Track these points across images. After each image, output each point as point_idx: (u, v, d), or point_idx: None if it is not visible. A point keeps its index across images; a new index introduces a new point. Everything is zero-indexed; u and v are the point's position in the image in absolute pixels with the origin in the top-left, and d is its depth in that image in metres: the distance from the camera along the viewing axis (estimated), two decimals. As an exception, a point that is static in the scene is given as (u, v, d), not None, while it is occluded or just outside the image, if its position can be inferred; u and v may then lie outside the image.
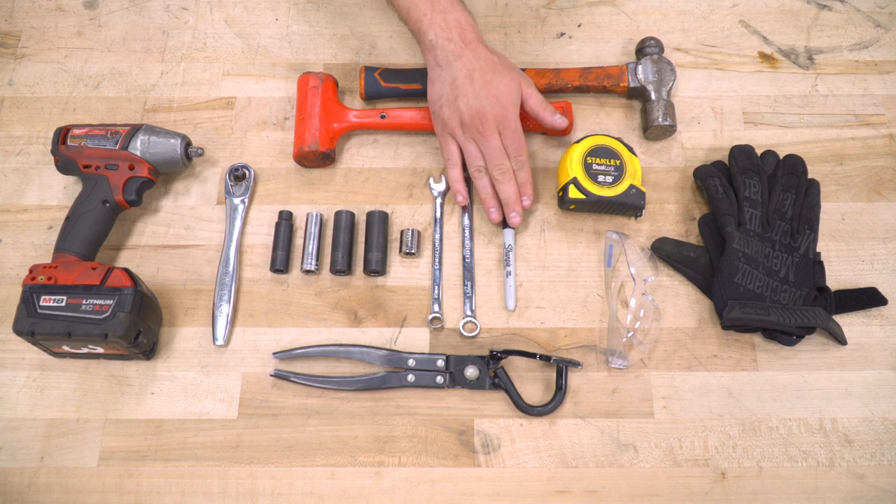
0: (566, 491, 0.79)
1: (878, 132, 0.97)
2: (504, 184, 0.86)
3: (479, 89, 0.83)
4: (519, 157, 0.86)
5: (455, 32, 0.84)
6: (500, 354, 0.82)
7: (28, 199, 0.93)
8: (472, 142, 0.86)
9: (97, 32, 1.04)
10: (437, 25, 0.83)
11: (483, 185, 0.87)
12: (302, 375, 0.82)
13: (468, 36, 0.84)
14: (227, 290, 0.87)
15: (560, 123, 0.88)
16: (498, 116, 0.84)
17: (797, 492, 0.78)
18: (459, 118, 0.85)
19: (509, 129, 0.85)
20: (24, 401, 0.83)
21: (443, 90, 0.85)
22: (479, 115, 0.83)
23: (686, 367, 0.84)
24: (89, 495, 0.79)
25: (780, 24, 1.04)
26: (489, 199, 0.87)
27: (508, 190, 0.86)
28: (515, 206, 0.86)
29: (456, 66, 0.83)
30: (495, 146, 0.85)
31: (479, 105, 0.83)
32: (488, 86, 0.83)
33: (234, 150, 0.96)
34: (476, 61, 0.84)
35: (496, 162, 0.85)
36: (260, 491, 0.79)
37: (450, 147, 0.88)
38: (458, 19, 0.84)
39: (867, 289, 0.86)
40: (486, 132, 0.84)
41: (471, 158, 0.86)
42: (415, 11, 0.84)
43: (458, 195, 0.88)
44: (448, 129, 0.87)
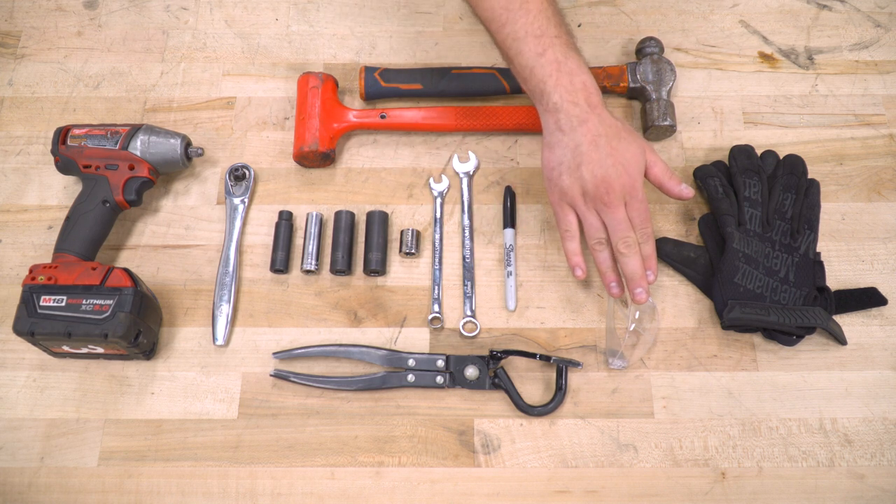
0: (566, 491, 0.79)
1: (878, 132, 0.97)
2: (629, 258, 0.79)
3: (604, 157, 0.77)
4: (645, 229, 0.80)
5: (581, 96, 0.78)
6: (500, 354, 0.82)
7: (28, 199, 0.93)
8: (593, 212, 0.80)
9: (97, 32, 1.04)
10: (563, 88, 0.78)
11: (604, 259, 0.81)
12: (302, 375, 0.82)
13: (593, 100, 0.79)
14: (227, 290, 0.87)
15: (686, 193, 0.82)
16: (625, 186, 0.78)
17: (797, 492, 0.78)
18: (582, 187, 0.79)
19: (636, 200, 0.79)
20: (24, 401, 0.83)
21: (563, 157, 0.79)
22: (604, 184, 0.78)
23: (686, 367, 0.84)
24: (89, 495, 0.79)
25: (780, 24, 1.04)
26: (610, 273, 0.82)
27: (633, 265, 0.80)
28: (641, 281, 0.80)
29: (580, 131, 0.78)
30: (621, 218, 0.79)
31: (605, 174, 0.77)
32: (614, 153, 0.78)
33: (234, 150, 0.96)
34: (601, 127, 0.78)
35: (622, 234, 0.79)
36: (260, 491, 0.79)
37: (568, 217, 0.82)
38: (584, 82, 0.79)
39: (867, 289, 0.86)
40: (612, 202, 0.78)
41: (592, 230, 0.80)
42: (539, 71, 0.79)
43: (577, 269, 0.82)
44: (567, 199, 0.81)
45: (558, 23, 0.81)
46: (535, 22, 0.79)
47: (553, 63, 0.78)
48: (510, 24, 0.80)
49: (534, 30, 0.79)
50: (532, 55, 0.79)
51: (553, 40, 0.79)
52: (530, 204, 0.92)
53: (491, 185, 0.94)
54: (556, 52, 0.79)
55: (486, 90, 0.97)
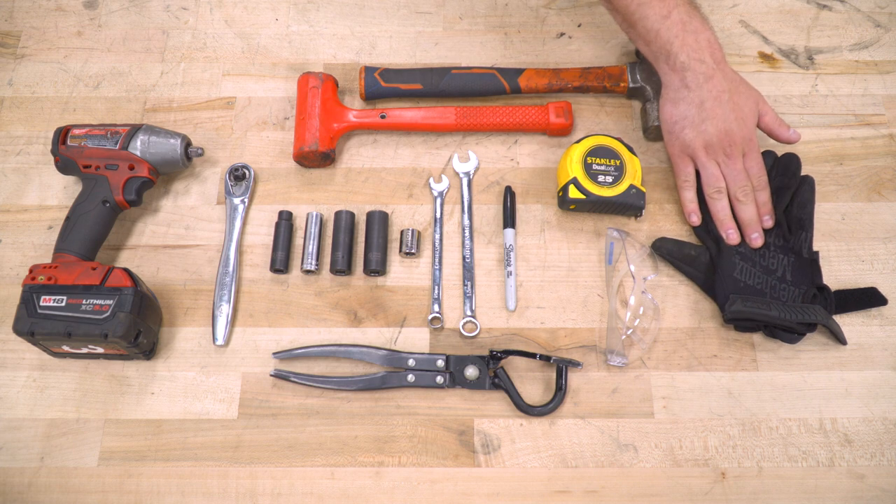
0: (566, 491, 0.79)
1: (878, 132, 0.97)
2: (746, 205, 0.86)
3: (727, 112, 0.83)
4: (761, 178, 0.86)
5: (707, 53, 0.83)
6: (500, 354, 0.82)
7: (28, 199, 0.93)
8: (714, 163, 0.86)
9: (97, 32, 1.04)
10: (689, 47, 0.82)
11: (722, 207, 0.87)
12: (302, 375, 0.82)
13: (718, 55, 0.84)
14: (227, 290, 0.87)
15: (795, 137, 0.89)
16: (745, 138, 0.85)
17: (797, 492, 0.78)
18: (705, 140, 0.85)
19: (753, 151, 0.86)
20: (24, 401, 0.83)
21: (688, 112, 0.85)
22: (727, 137, 0.84)
23: (686, 367, 0.84)
24: (89, 495, 0.79)
25: (780, 24, 1.04)
26: (728, 221, 0.86)
27: (750, 211, 0.86)
28: (757, 226, 0.86)
29: (706, 87, 0.83)
30: (739, 168, 0.85)
31: (728, 127, 0.84)
32: (735, 108, 0.84)
33: (234, 150, 0.96)
34: (725, 83, 0.84)
35: (740, 184, 0.85)
36: (260, 491, 0.79)
37: (687, 168, 0.88)
38: (709, 39, 0.84)
39: (867, 289, 0.86)
40: (733, 154, 0.85)
41: (712, 179, 0.86)
42: (665, 33, 0.83)
43: (693, 215, 0.88)
44: (689, 151, 0.86)
45: None
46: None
47: (678, 24, 0.82)
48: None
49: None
50: (657, 18, 0.83)
51: (677, 3, 0.83)
52: (530, 204, 0.92)
53: (491, 185, 0.94)
54: (681, 12, 0.83)
55: (486, 90, 0.97)
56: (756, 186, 0.86)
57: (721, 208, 0.87)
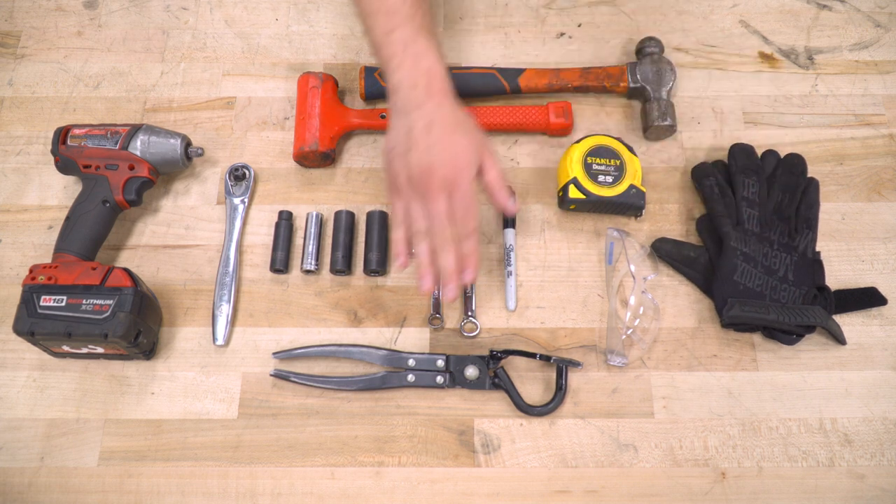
0: (566, 491, 0.79)
1: (878, 132, 0.97)
2: (443, 253, 0.75)
3: (433, 143, 0.73)
4: (466, 225, 0.74)
5: (422, 80, 0.75)
6: (500, 354, 0.82)
7: (28, 199, 0.93)
8: (417, 201, 0.75)
9: (97, 32, 1.04)
10: (405, 70, 0.75)
11: (421, 251, 0.76)
12: (302, 375, 0.82)
13: (435, 86, 0.75)
14: (227, 290, 0.87)
15: (511, 210, 0.80)
16: (448, 176, 0.73)
17: (797, 492, 0.78)
18: (408, 173, 0.74)
19: (459, 192, 0.74)
20: (24, 401, 0.83)
21: (397, 140, 0.76)
22: (428, 171, 0.73)
23: (686, 367, 0.84)
24: (89, 495, 0.79)
25: (780, 24, 1.04)
26: (423, 267, 0.76)
27: (446, 261, 0.75)
28: (452, 279, 0.75)
29: (414, 115, 0.74)
30: (439, 210, 0.74)
31: (430, 161, 0.73)
32: (444, 141, 0.73)
33: (234, 150, 0.96)
34: (437, 114, 0.74)
35: (438, 228, 0.74)
36: (260, 491, 0.79)
37: (396, 204, 0.77)
38: (429, 67, 0.76)
39: (867, 289, 0.86)
40: (433, 192, 0.73)
41: (412, 220, 0.76)
42: (385, 51, 0.76)
43: (398, 258, 0.78)
44: (396, 184, 0.77)
45: (415, 2, 0.77)
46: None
47: (400, 44, 0.75)
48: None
49: (386, 7, 0.76)
50: (380, 33, 0.76)
51: (404, 20, 0.76)
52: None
53: (491, 185, 0.94)
54: (405, 32, 0.76)
55: (486, 90, 0.97)
56: (460, 233, 0.74)
57: (420, 251, 0.76)
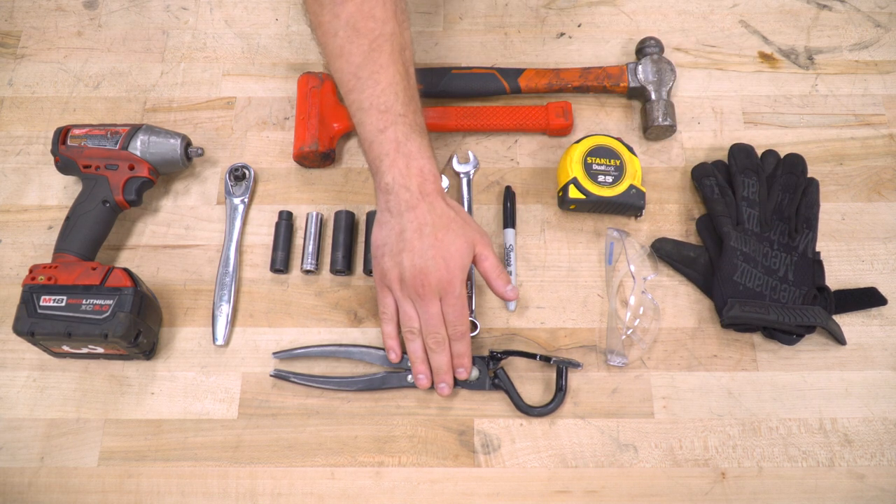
0: (566, 491, 0.79)
1: (878, 132, 0.97)
2: (437, 353, 0.79)
3: (426, 247, 0.75)
4: (458, 327, 0.78)
5: (415, 181, 0.76)
6: (500, 355, 0.82)
7: (28, 199, 0.93)
8: (409, 301, 0.78)
9: (97, 32, 1.04)
10: (398, 170, 0.75)
11: (414, 349, 0.80)
12: (302, 375, 0.82)
13: (428, 187, 0.76)
14: (227, 290, 0.87)
15: (511, 295, 0.80)
16: (442, 280, 0.75)
17: (797, 492, 0.78)
18: (400, 274, 0.76)
19: (452, 296, 0.76)
20: (24, 401, 0.83)
21: (388, 238, 0.77)
22: (421, 275, 0.75)
23: (686, 367, 0.84)
24: (89, 495, 0.79)
25: (780, 24, 1.04)
26: (419, 364, 0.80)
27: (440, 360, 0.79)
28: (446, 376, 0.80)
29: (407, 217, 0.76)
30: (434, 312, 0.77)
31: (424, 265, 0.75)
32: (437, 245, 0.75)
33: (234, 150, 0.96)
34: (430, 216, 0.76)
35: (432, 330, 0.77)
36: (260, 491, 0.79)
37: (386, 300, 0.80)
38: (422, 168, 0.76)
39: (867, 289, 0.86)
40: (426, 295, 0.76)
41: (405, 318, 0.79)
42: (377, 148, 0.76)
43: (391, 352, 0.81)
44: (386, 281, 0.78)
45: (408, 100, 0.78)
46: (381, 95, 0.76)
47: (392, 142, 0.76)
48: (357, 91, 0.77)
49: (379, 104, 0.76)
50: (373, 129, 0.76)
51: (397, 118, 0.76)
52: (530, 204, 0.92)
53: (491, 185, 0.94)
54: (398, 131, 0.76)
55: (486, 90, 0.97)
56: (452, 335, 0.78)
57: (413, 350, 0.80)
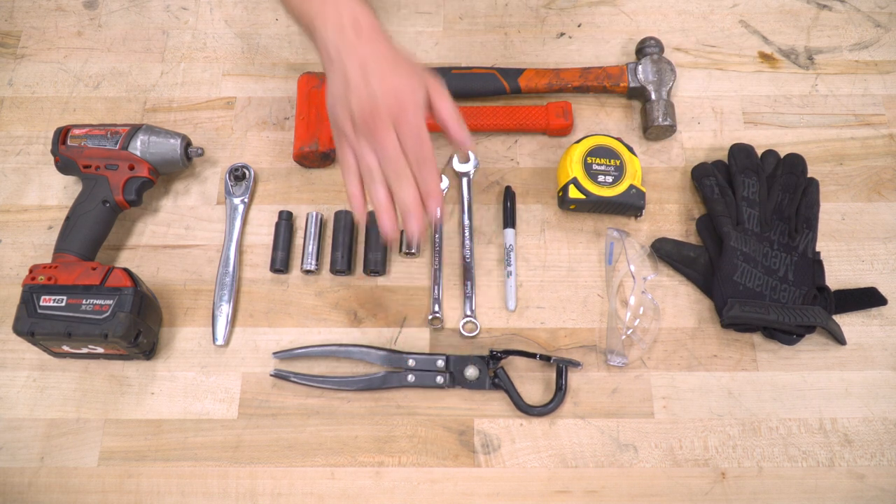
0: (566, 491, 0.79)
1: (878, 132, 0.97)
2: (401, 187, 0.72)
3: (372, 83, 0.71)
4: (419, 152, 0.72)
5: (348, 23, 0.73)
6: (500, 354, 0.82)
7: (28, 199, 0.93)
8: (364, 143, 0.73)
9: (97, 32, 1.04)
10: (330, 20, 0.73)
11: (377, 194, 0.74)
12: (302, 375, 0.82)
13: (364, 29, 0.74)
14: (227, 290, 0.87)
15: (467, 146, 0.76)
16: (392, 108, 0.71)
17: (797, 492, 0.78)
18: (351, 117, 0.73)
19: (406, 124, 0.71)
20: (24, 401, 0.83)
21: (335, 88, 0.74)
22: (370, 108, 0.71)
23: (686, 367, 0.84)
24: (89, 495, 0.79)
25: (780, 24, 1.04)
26: (382, 212, 0.73)
27: (405, 195, 0.72)
28: (414, 212, 0.72)
29: (348, 60, 0.72)
30: (389, 144, 0.72)
31: (372, 101, 0.71)
32: (384, 79, 0.72)
33: (234, 150, 0.96)
34: (371, 54, 0.73)
35: (391, 161, 0.72)
36: (260, 491, 0.79)
37: (344, 152, 0.75)
38: (353, 12, 0.74)
39: (867, 289, 0.86)
40: (378, 127, 0.71)
41: (363, 164, 0.73)
42: (307, 7, 0.75)
43: (356, 210, 0.75)
44: (340, 131, 0.75)
45: None
46: None
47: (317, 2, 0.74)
48: None
49: None
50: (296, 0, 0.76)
51: None
52: (530, 204, 0.92)
53: (491, 185, 0.94)
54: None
55: (486, 90, 0.97)
56: (415, 163, 0.72)
57: (375, 194, 0.74)
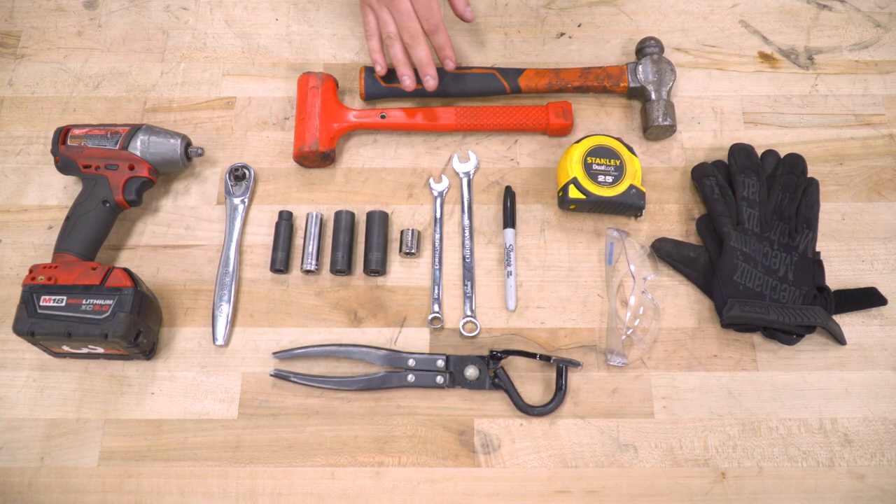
0: (566, 491, 0.79)
1: (878, 132, 0.97)
2: (415, 47, 0.87)
3: None
4: (430, 20, 0.86)
5: None
6: (500, 354, 0.82)
7: (28, 199, 0.93)
8: (384, 9, 0.87)
9: (97, 32, 1.04)
10: None
11: (395, 52, 0.88)
12: (302, 375, 0.82)
13: None
14: (227, 290, 0.87)
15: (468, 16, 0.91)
16: None
17: (797, 492, 0.78)
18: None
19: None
20: (24, 401, 0.83)
21: None
22: None
23: (686, 367, 0.84)
24: (89, 495, 0.79)
25: (780, 24, 1.04)
26: (401, 66, 0.88)
27: (420, 53, 0.87)
28: (428, 69, 0.88)
29: None
30: (404, 9, 0.85)
31: None
32: None
33: (234, 150, 0.96)
34: None
35: (406, 24, 0.86)
36: (260, 491, 0.79)
37: (367, 17, 0.90)
38: None
39: (867, 289, 0.86)
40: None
41: (382, 25, 0.88)
42: None
43: (377, 65, 0.91)
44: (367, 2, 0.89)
45: None
46: None
47: None
48: None
49: None
50: None
51: None
52: (530, 204, 0.92)
53: (491, 185, 0.94)
54: None
55: (486, 90, 0.97)
56: (428, 29, 0.87)
57: (394, 53, 0.89)
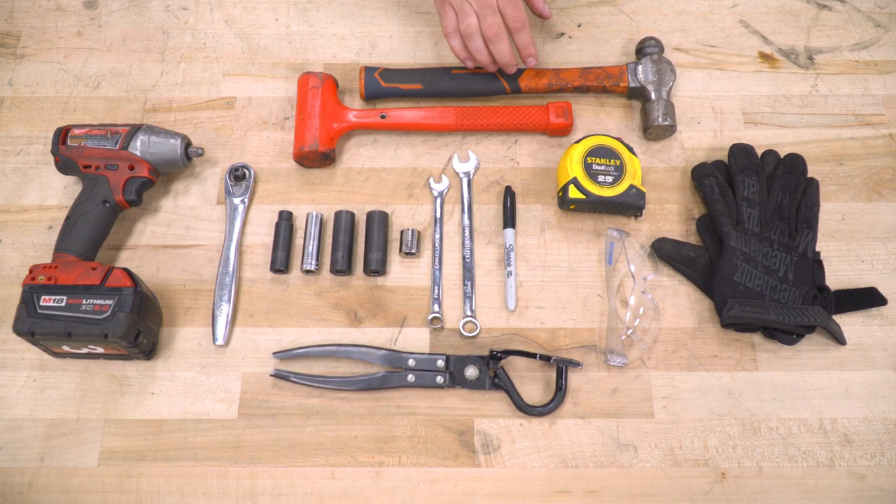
0: (566, 491, 0.79)
1: (878, 132, 0.97)
2: (496, 43, 0.85)
3: None
4: (517, 19, 0.85)
5: None
6: (500, 354, 0.82)
7: (28, 199, 0.93)
8: (468, 4, 0.85)
9: (97, 32, 1.04)
10: None
11: (477, 47, 0.87)
12: (302, 375, 0.82)
13: None
14: (227, 290, 0.87)
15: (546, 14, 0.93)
16: None
17: (797, 492, 0.78)
18: None
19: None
20: (24, 401, 0.83)
21: None
22: None
23: (686, 367, 0.84)
24: (89, 495, 0.79)
25: (780, 24, 1.04)
26: (484, 59, 0.88)
27: (501, 49, 0.86)
28: (512, 69, 0.89)
29: None
30: (487, 5, 0.84)
31: None
32: None
33: (234, 150, 0.96)
34: None
35: (489, 21, 0.85)
36: (260, 491, 0.79)
37: (447, 14, 0.88)
38: None
39: (867, 289, 0.86)
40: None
41: (463, 19, 0.86)
42: None
43: (468, 62, 0.91)
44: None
45: None
46: None
47: None
48: None
49: None
50: None
51: None
52: (530, 204, 0.92)
53: (491, 185, 0.94)
54: None
55: (486, 90, 0.97)
56: (513, 27, 0.86)
57: (476, 48, 0.87)
